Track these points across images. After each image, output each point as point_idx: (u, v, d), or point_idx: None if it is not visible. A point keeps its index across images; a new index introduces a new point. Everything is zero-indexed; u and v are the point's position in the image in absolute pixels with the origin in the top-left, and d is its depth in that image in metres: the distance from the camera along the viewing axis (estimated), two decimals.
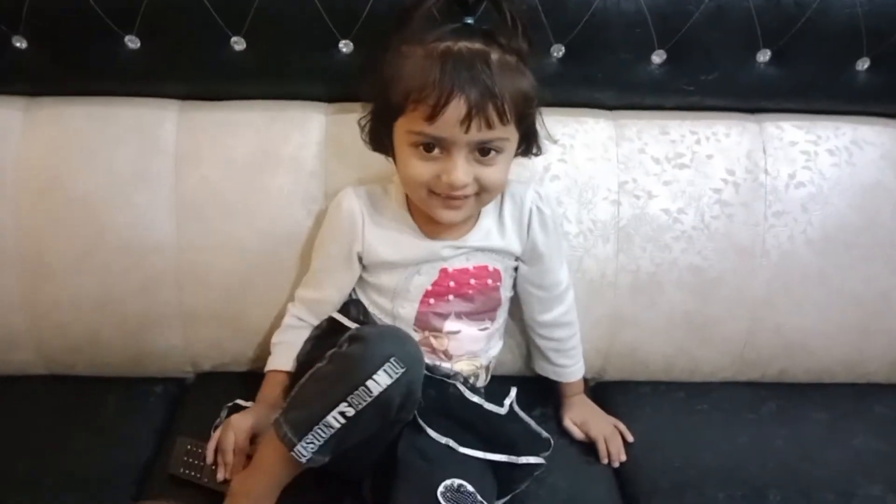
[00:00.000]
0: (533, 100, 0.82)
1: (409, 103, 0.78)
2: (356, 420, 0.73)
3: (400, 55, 0.80)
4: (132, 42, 0.92)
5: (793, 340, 1.05)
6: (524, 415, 0.87)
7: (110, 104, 0.98)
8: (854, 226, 1.03)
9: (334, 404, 0.72)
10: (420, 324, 0.90)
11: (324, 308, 0.92)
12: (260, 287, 0.99)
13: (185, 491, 0.85)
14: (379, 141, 0.86)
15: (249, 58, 0.94)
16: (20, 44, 0.92)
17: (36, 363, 1.02)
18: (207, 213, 0.97)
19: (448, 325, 0.90)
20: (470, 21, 0.81)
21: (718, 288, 1.02)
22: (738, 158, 1.02)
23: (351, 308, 0.92)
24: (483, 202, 0.86)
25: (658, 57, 0.97)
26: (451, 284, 0.90)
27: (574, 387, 1.00)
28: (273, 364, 0.92)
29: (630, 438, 0.96)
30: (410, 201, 0.89)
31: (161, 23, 0.91)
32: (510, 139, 0.82)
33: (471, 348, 0.92)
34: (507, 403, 0.86)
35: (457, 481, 0.78)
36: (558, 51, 0.95)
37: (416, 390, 0.77)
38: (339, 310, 0.92)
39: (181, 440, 0.88)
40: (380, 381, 0.72)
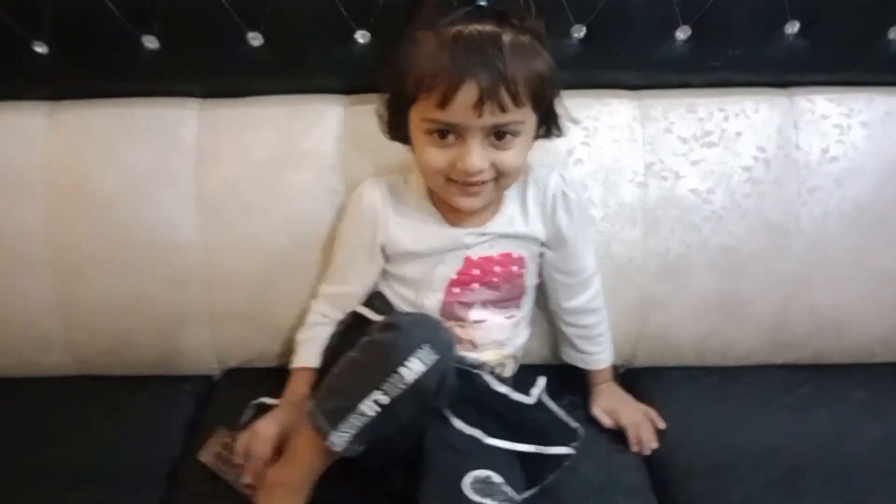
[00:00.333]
0: (549, 80, 0.81)
1: (422, 90, 0.77)
2: (391, 408, 0.73)
3: (413, 42, 0.79)
4: (150, 42, 0.92)
5: (828, 319, 1.03)
6: (553, 404, 0.86)
7: (131, 105, 0.99)
8: (890, 200, 1.00)
9: (368, 392, 0.72)
10: (445, 314, 0.90)
11: (348, 302, 0.92)
12: (284, 283, 0.99)
13: (217, 484, 0.86)
14: (396, 130, 0.86)
15: (266, 53, 0.94)
16: (41, 49, 0.93)
17: (69, 364, 1.03)
18: (229, 211, 0.97)
19: (474, 314, 0.90)
20: (483, 3, 0.80)
21: (750, 268, 1.00)
22: (769, 134, 0.99)
23: (375, 301, 0.92)
24: (502, 187, 0.85)
25: (682, 33, 0.94)
26: (476, 273, 0.89)
27: (602, 374, 0.99)
28: (299, 361, 0.92)
29: (662, 425, 0.95)
30: (432, 190, 0.88)
31: (178, 22, 0.91)
32: (526, 122, 0.81)
33: (497, 337, 0.92)
34: (536, 393, 0.85)
35: (484, 472, 0.77)
36: (579, 31, 0.94)
37: (451, 377, 0.77)
38: (363, 303, 0.92)
39: (220, 431, 0.89)
40: (413, 368, 0.72)
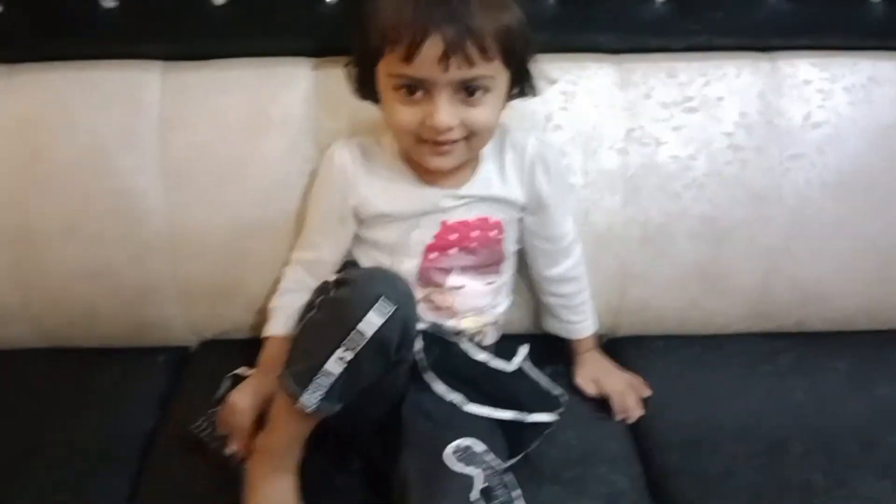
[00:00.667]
0: (520, 35, 0.79)
1: (387, 44, 0.76)
2: (356, 363, 0.71)
3: None
4: (107, 1, 0.89)
5: (810, 289, 1.02)
6: (535, 371, 0.85)
7: (90, 68, 0.95)
8: (873, 167, 0.99)
9: (331, 351, 0.71)
10: (423, 280, 0.88)
11: (321, 269, 0.90)
12: (256, 251, 0.96)
13: (192, 458, 0.84)
14: (365, 88, 0.84)
15: (231, 12, 0.91)
16: None
17: (31, 337, 1.00)
18: (196, 178, 0.94)
19: (452, 280, 0.88)
20: None
21: (732, 237, 0.99)
22: (751, 100, 0.98)
23: (349, 269, 0.89)
24: (474, 147, 0.83)
25: None
26: (453, 237, 0.87)
27: (585, 343, 0.98)
28: (271, 329, 0.90)
29: (647, 393, 0.94)
30: (405, 150, 0.86)
31: None
32: (496, 77, 0.79)
33: (476, 304, 0.90)
34: (517, 361, 0.83)
35: (465, 441, 0.76)
36: None
37: (412, 327, 0.76)
38: (337, 272, 0.89)
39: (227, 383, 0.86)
40: (372, 322, 0.70)
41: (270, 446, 0.78)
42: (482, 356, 0.83)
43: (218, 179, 0.94)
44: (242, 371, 0.88)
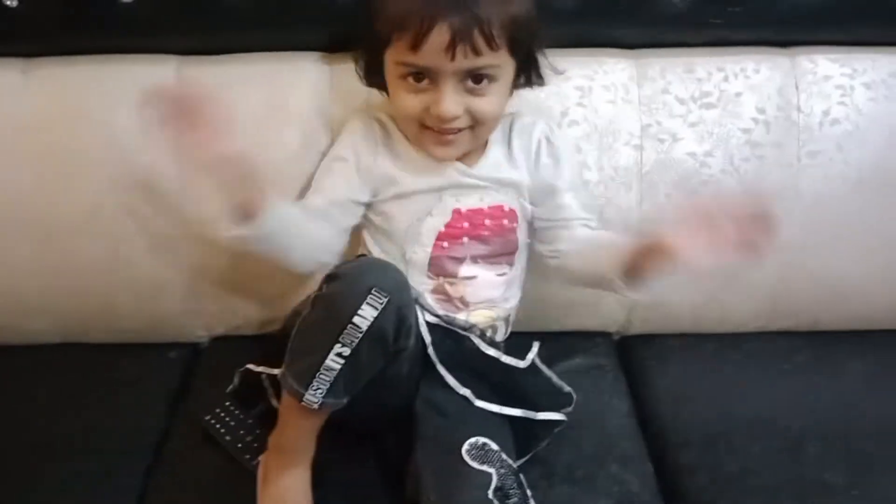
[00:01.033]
0: (528, 25, 0.78)
1: (394, 32, 0.76)
2: (355, 357, 0.71)
3: None
4: None
5: (828, 286, 1.01)
6: (546, 369, 0.84)
7: (109, 62, 0.96)
8: (893, 164, 0.98)
9: (329, 347, 0.70)
10: (434, 269, 0.86)
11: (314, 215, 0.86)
12: None
13: (205, 451, 0.84)
14: (373, 75, 0.84)
15: (246, 7, 0.91)
16: (11, 2, 0.89)
17: (51, 330, 1.01)
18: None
19: (464, 270, 0.87)
20: None
21: None
22: (769, 96, 0.96)
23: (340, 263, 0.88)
24: (479, 137, 0.83)
25: None
26: (465, 225, 0.86)
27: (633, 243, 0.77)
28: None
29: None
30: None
31: None
32: (502, 66, 0.79)
33: (488, 295, 0.88)
34: (529, 358, 0.83)
35: (481, 439, 0.76)
36: None
37: (409, 315, 0.74)
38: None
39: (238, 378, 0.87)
40: (366, 315, 0.69)
41: (282, 443, 0.78)
42: (493, 351, 0.82)
43: None
44: (252, 367, 0.88)
